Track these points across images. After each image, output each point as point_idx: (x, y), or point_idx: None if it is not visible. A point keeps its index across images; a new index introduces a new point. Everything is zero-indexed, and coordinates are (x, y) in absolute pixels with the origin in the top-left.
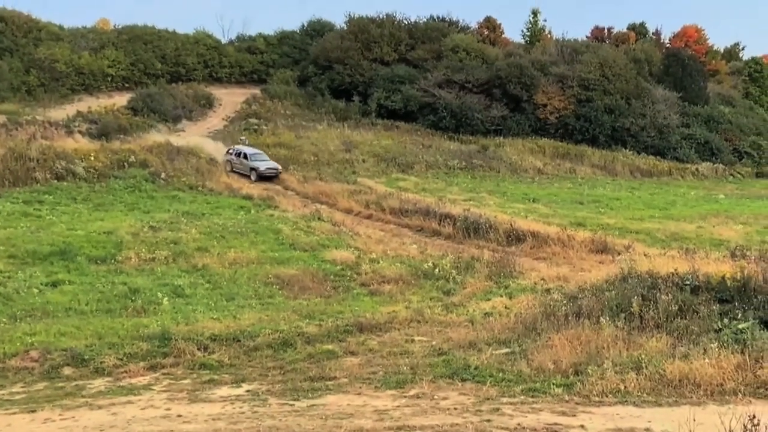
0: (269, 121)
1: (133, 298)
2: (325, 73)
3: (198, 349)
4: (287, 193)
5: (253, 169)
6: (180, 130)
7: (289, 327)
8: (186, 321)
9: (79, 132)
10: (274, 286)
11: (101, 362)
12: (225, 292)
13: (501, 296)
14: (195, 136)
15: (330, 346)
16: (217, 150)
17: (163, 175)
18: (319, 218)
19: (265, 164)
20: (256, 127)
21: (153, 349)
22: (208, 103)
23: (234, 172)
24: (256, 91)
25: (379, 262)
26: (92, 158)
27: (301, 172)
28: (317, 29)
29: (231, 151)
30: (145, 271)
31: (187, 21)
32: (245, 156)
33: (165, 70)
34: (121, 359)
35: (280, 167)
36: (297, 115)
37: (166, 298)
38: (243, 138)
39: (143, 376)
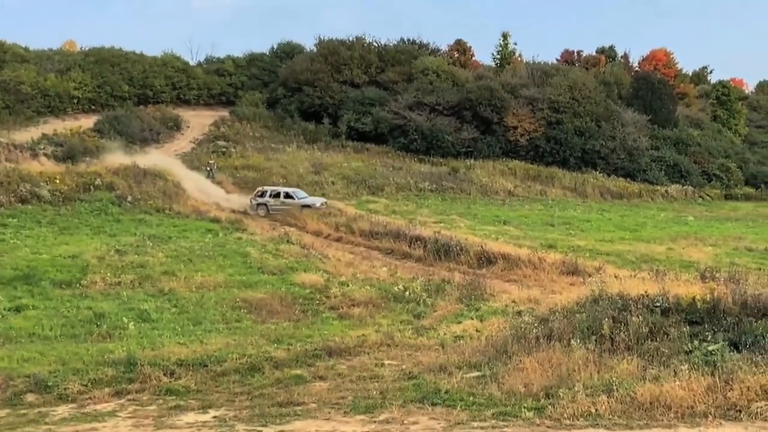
0: (238, 144)
1: (98, 323)
2: (294, 95)
3: (164, 374)
4: (256, 216)
5: (306, 206)
6: (147, 152)
7: (257, 352)
8: (152, 346)
9: (45, 155)
10: (242, 310)
11: (65, 388)
12: (192, 316)
13: (472, 319)
14: (163, 158)
15: (298, 371)
16: (187, 174)
17: (129, 198)
18: (287, 241)
19: (318, 200)
20: (224, 149)
21: (118, 374)
22: (176, 126)
23: (271, 215)
24: (225, 113)
25: (348, 285)
26: (57, 181)
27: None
28: (287, 51)
29: (262, 192)
30: (111, 295)
31: (155, 43)
32: (288, 195)
33: (132, 93)
34: (86, 385)
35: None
36: (266, 137)
37: (131, 323)
38: (212, 162)
39: (108, 403)
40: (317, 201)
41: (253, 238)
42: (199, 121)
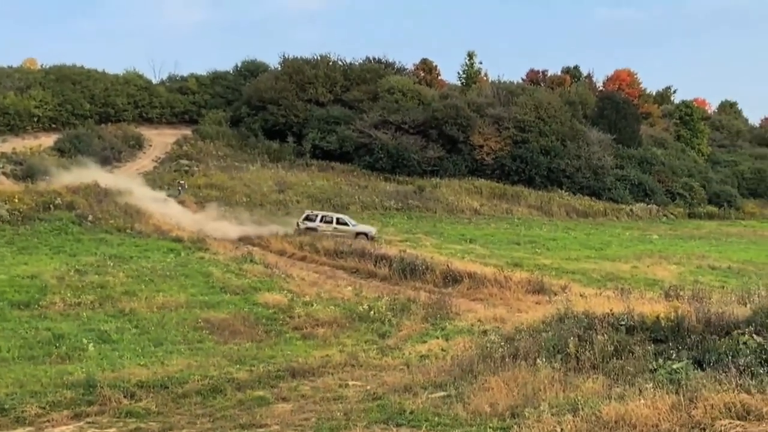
0: (201, 162)
1: (57, 345)
2: (258, 113)
3: (124, 396)
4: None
5: (362, 233)
6: (109, 171)
7: (219, 373)
8: (112, 367)
9: (3, 173)
10: (204, 331)
11: (22, 411)
12: (153, 337)
13: (437, 338)
14: (124, 177)
15: (261, 393)
16: (147, 194)
17: (90, 218)
18: (251, 260)
19: (372, 228)
20: (187, 168)
21: (77, 397)
22: (138, 144)
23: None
24: (188, 131)
25: (312, 305)
26: (16, 200)
27: (233, 213)
28: (251, 70)
29: (313, 217)
30: (70, 316)
31: (117, 61)
32: (342, 222)
33: (94, 111)
34: (44, 408)
35: None
36: (229, 155)
37: (91, 344)
38: (182, 182)
39: (67, 426)
40: (372, 229)
41: (215, 257)
42: (161, 139)
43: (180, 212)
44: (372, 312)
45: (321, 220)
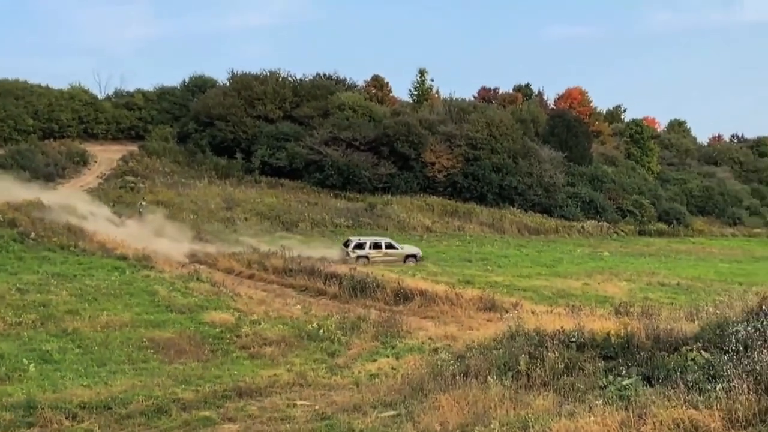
0: (147, 179)
1: None
2: (206, 129)
3: (66, 417)
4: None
5: (410, 255)
6: (52, 188)
7: (164, 393)
8: (54, 388)
9: None
10: (149, 351)
11: None
12: (96, 357)
13: (387, 357)
14: (68, 193)
15: (207, 413)
16: (92, 210)
17: (32, 235)
18: (197, 279)
19: (418, 250)
20: (132, 184)
21: (17, 418)
22: (83, 161)
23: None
24: (134, 147)
25: (260, 324)
26: None
27: (180, 230)
28: (198, 85)
29: (362, 243)
30: (11, 336)
31: (62, 76)
32: (390, 246)
33: (37, 126)
34: None
35: None
36: (176, 172)
37: (32, 365)
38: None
39: None
40: (419, 250)
41: (161, 275)
42: (107, 155)
43: (125, 229)
44: (321, 331)
45: (371, 247)
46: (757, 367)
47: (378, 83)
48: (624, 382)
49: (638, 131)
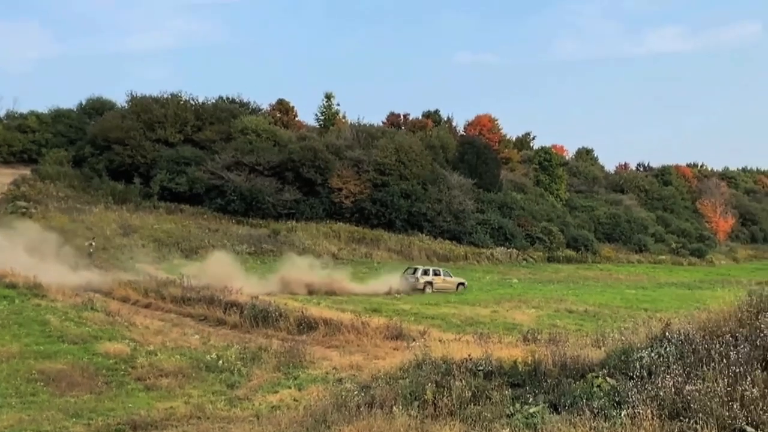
0: (40, 204)
1: None
2: (103, 153)
3: None
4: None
5: (461, 283)
6: None
7: (54, 427)
8: None
9: None
10: (39, 383)
11: None
12: None
13: (290, 388)
14: None
15: None
16: None
17: None
18: (92, 308)
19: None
20: (24, 210)
21: None
22: None
23: (437, 291)
24: (27, 171)
25: (156, 355)
26: None
27: (74, 258)
28: (96, 108)
29: (428, 272)
30: None
31: None
32: (447, 273)
33: None
34: None
35: None
36: (71, 197)
37: None
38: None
39: None
40: (465, 281)
41: (53, 304)
42: None
43: (14, 256)
44: (220, 361)
45: (434, 274)
46: (661, 393)
47: (283, 107)
48: (531, 410)
49: (547, 158)
